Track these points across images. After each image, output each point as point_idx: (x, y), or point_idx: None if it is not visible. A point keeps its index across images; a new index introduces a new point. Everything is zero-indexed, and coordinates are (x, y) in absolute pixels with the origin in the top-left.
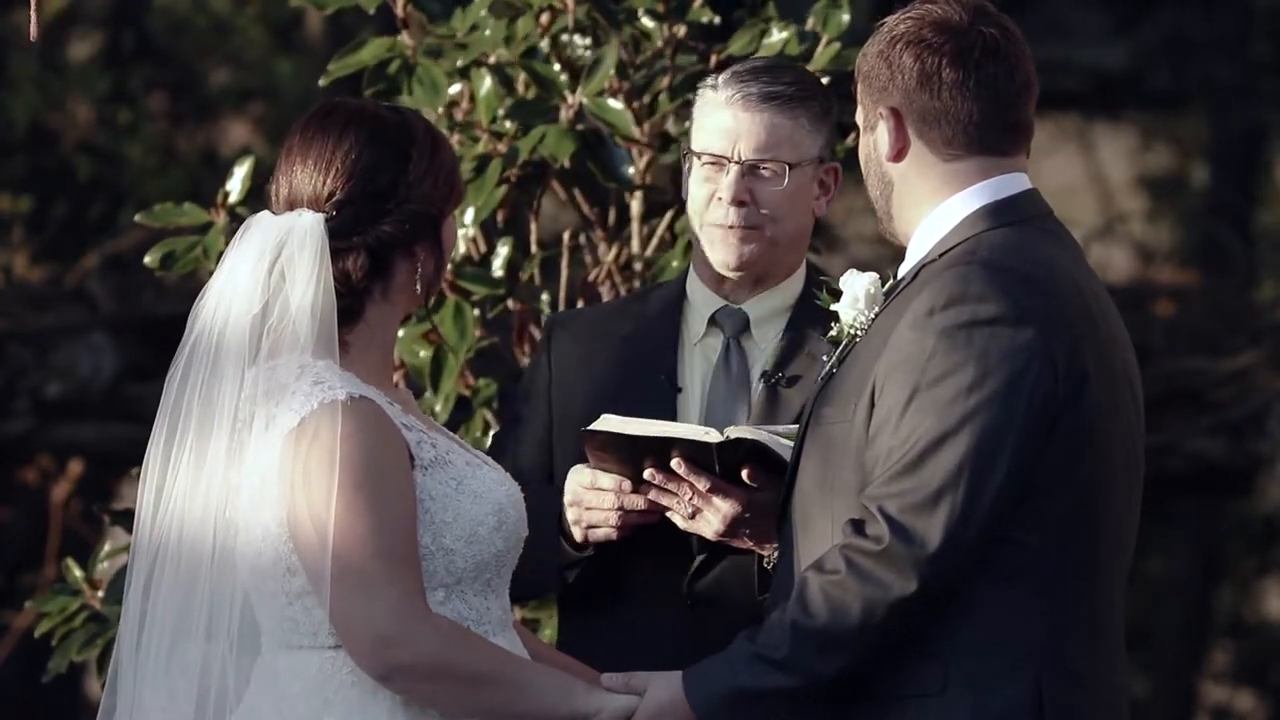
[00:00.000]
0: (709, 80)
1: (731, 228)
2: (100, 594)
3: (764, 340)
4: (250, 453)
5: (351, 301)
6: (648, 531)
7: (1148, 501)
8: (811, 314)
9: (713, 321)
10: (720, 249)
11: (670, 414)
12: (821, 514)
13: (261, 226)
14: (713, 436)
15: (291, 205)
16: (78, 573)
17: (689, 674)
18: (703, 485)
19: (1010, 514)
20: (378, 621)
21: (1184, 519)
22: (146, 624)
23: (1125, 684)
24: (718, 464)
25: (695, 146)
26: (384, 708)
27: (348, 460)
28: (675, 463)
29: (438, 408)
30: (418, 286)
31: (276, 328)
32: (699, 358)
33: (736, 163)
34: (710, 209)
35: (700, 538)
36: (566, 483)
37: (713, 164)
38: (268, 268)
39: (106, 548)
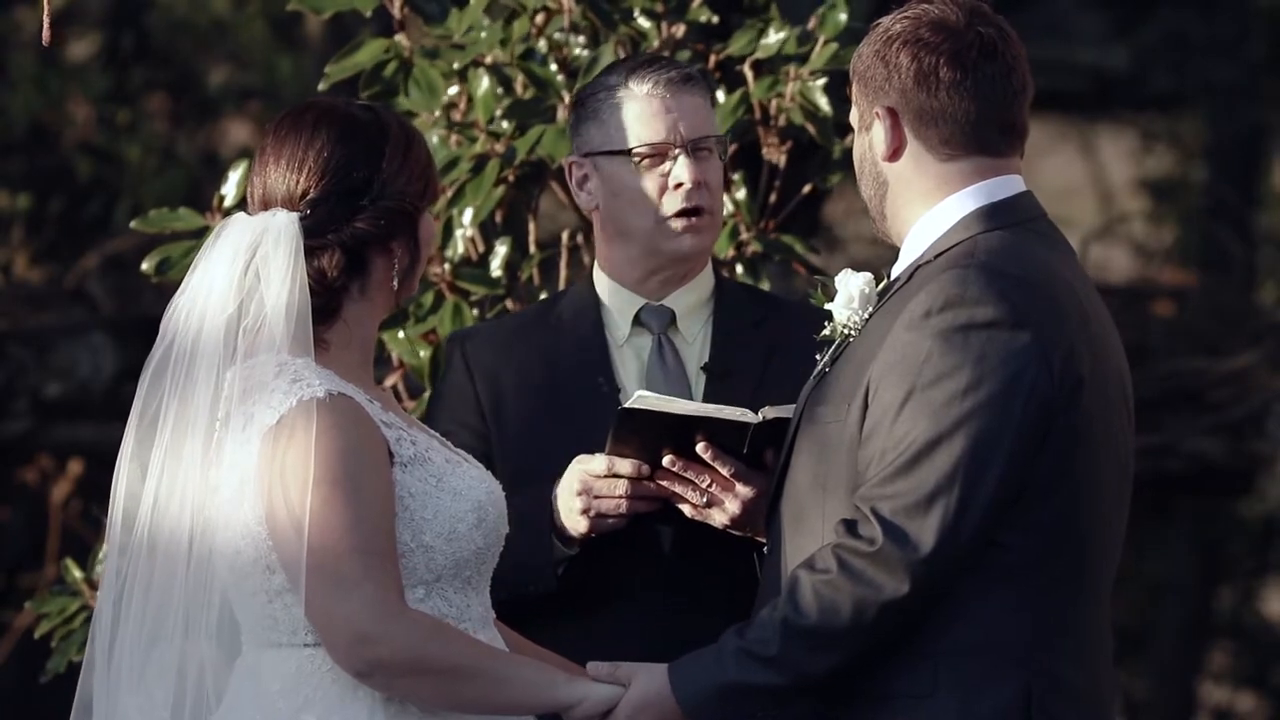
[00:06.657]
0: (603, 85)
1: (695, 211)
2: (99, 594)
3: (691, 334)
4: (229, 452)
5: (328, 299)
6: (622, 531)
7: (1148, 501)
8: (729, 303)
9: (637, 321)
10: (676, 240)
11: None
12: (814, 512)
13: (236, 227)
14: (749, 417)
15: (266, 205)
16: (77, 573)
17: (675, 667)
18: (727, 471)
19: (1001, 517)
20: (354, 618)
21: (1184, 519)
22: (120, 624)
23: (1112, 687)
24: (747, 446)
25: (628, 144)
26: (363, 705)
27: (325, 456)
28: (701, 447)
29: None
30: (395, 283)
31: (252, 328)
32: (629, 357)
33: (681, 146)
34: (665, 201)
35: (674, 533)
36: (569, 474)
37: (652, 156)
38: (243, 268)
39: (105, 549)
